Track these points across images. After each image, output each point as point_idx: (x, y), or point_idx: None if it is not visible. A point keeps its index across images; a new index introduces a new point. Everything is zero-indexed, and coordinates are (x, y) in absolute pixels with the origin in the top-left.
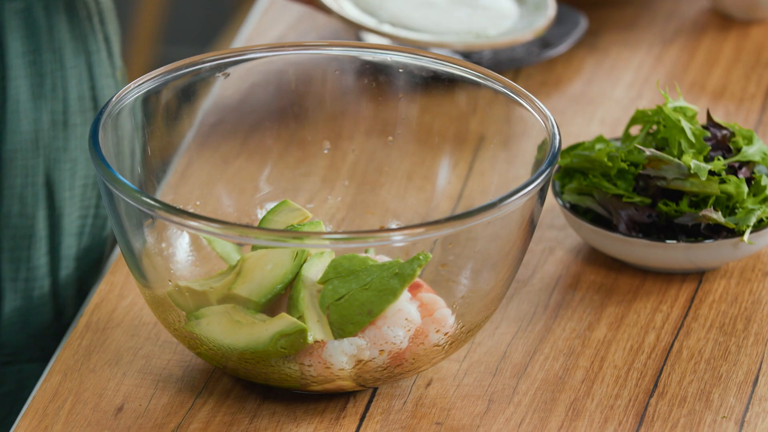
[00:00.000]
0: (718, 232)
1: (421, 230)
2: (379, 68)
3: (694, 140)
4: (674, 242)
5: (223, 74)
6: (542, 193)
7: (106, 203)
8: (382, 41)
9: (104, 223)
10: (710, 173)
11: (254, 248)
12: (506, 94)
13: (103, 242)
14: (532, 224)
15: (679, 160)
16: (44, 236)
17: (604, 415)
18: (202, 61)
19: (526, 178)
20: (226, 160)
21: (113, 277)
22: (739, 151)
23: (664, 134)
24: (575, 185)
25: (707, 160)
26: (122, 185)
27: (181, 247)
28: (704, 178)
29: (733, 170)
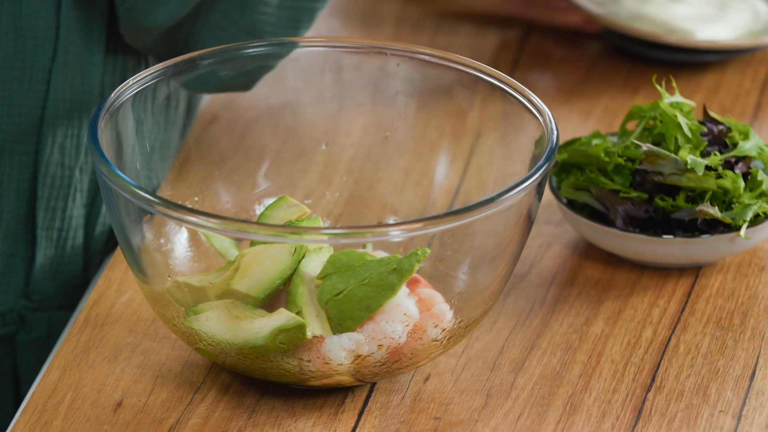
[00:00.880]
0: (714, 227)
1: (419, 225)
2: (376, 64)
3: (690, 135)
4: (671, 237)
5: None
6: (540, 188)
7: (105, 199)
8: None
9: None
10: (707, 168)
11: (253, 244)
12: (503, 89)
13: None
14: (529, 219)
15: (675, 155)
16: (84, 189)
17: (601, 409)
18: (200, 57)
19: (523, 173)
20: (224, 156)
21: (112, 272)
22: (735, 146)
23: (660, 129)
24: (572, 180)
25: (704, 155)
26: (121, 181)
27: (179, 242)
28: (701, 173)
29: (729, 165)
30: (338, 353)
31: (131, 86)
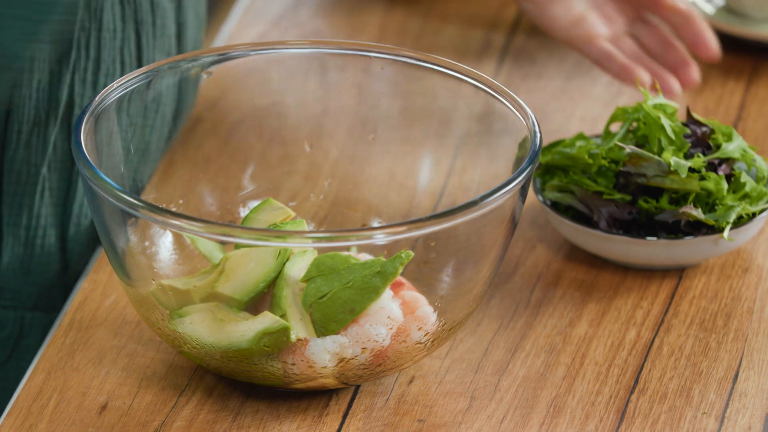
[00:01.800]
0: (698, 228)
1: (403, 229)
2: (360, 66)
3: (674, 137)
4: (654, 239)
5: (205, 73)
6: (523, 190)
7: (89, 202)
8: None
9: None
10: (690, 170)
11: (237, 247)
12: (487, 91)
13: None
14: (513, 222)
15: (659, 157)
16: (54, 188)
17: (585, 411)
18: (184, 60)
19: (507, 175)
20: (208, 158)
21: (97, 275)
22: (718, 147)
23: (644, 131)
24: (556, 182)
25: (687, 157)
26: (105, 184)
27: (164, 245)
28: (684, 175)
29: (712, 167)
30: (322, 356)
31: (115, 89)
